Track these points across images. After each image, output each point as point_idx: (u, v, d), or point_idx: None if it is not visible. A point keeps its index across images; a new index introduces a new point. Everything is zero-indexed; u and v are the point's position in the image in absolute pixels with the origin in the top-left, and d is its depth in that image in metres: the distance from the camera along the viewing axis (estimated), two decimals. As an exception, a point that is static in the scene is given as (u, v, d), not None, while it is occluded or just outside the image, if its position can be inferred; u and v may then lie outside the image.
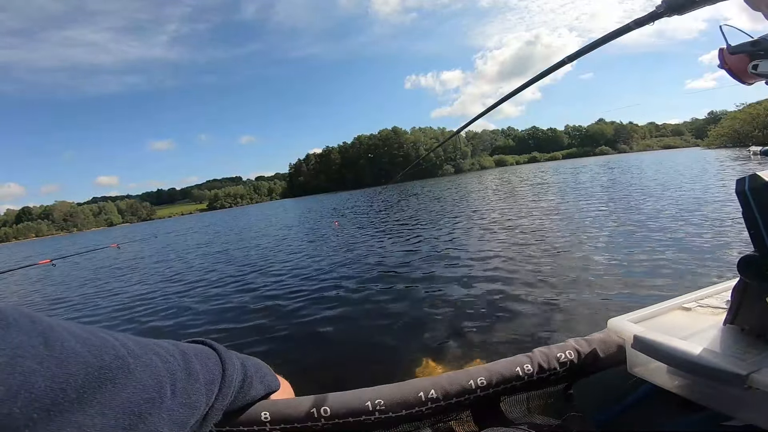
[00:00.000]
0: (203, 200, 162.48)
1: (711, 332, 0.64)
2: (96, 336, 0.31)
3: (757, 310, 0.58)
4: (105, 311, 5.73)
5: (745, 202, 0.54)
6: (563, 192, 14.36)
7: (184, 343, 0.44)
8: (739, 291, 0.61)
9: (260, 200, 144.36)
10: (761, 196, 0.53)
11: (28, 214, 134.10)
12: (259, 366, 0.58)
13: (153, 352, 0.36)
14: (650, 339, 0.64)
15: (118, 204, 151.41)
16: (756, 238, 0.54)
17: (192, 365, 0.41)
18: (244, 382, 0.52)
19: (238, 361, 0.51)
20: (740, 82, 0.54)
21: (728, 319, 0.63)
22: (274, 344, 3.46)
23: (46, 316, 0.29)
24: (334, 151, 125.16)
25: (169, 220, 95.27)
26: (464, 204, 14.26)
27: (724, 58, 0.54)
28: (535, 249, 5.68)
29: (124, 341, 0.33)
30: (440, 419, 0.66)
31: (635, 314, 0.74)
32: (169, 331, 4.31)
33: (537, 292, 3.83)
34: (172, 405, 0.35)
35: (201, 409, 0.40)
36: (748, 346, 0.58)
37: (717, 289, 0.78)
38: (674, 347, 0.60)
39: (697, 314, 0.72)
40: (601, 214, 8.02)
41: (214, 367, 0.45)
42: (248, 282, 6.20)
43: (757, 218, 0.53)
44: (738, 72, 0.54)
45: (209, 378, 0.43)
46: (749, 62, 0.52)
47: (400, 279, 5.00)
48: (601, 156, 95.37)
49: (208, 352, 0.47)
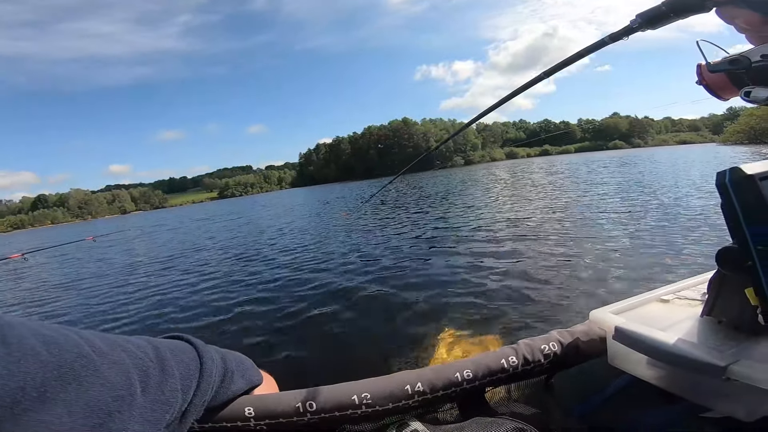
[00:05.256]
0: (214, 189, 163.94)
1: (688, 324, 0.64)
2: (60, 334, 0.30)
3: (734, 301, 0.58)
4: (93, 305, 5.68)
5: (724, 194, 0.54)
6: (556, 186, 14.47)
7: (158, 339, 0.44)
8: (716, 283, 0.61)
9: (270, 189, 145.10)
10: (741, 189, 0.53)
11: (44, 202, 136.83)
12: (240, 360, 0.57)
13: (122, 349, 0.35)
14: (630, 330, 0.64)
15: (132, 192, 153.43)
16: (734, 229, 0.54)
17: (166, 361, 0.40)
18: (225, 376, 0.51)
19: (217, 356, 0.50)
20: (717, 98, 0.54)
21: (705, 310, 0.64)
22: (257, 338, 3.44)
23: (6, 314, 0.28)
24: (344, 141, 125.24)
25: (181, 208, 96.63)
26: (457, 198, 14.39)
27: (702, 74, 0.54)
28: (523, 241, 5.77)
29: (90, 339, 0.33)
30: (426, 411, 0.66)
31: (616, 306, 0.74)
32: (146, 327, 4.26)
33: (522, 283, 3.87)
34: (144, 402, 0.34)
35: (177, 405, 0.40)
36: (726, 337, 0.58)
37: (694, 282, 0.78)
38: (654, 338, 0.61)
39: (675, 306, 0.72)
40: (593, 208, 8.20)
41: (190, 362, 0.45)
42: (232, 274, 6.20)
43: (737, 210, 0.53)
44: (715, 89, 0.54)
45: (185, 373, 0.43)
46: (728, 80, 0.52)
47: (385, 272, 5.00)
48: (615, 151, 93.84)
49: (184, 347, 0.46)
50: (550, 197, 10.89)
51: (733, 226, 0.54)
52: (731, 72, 0.51)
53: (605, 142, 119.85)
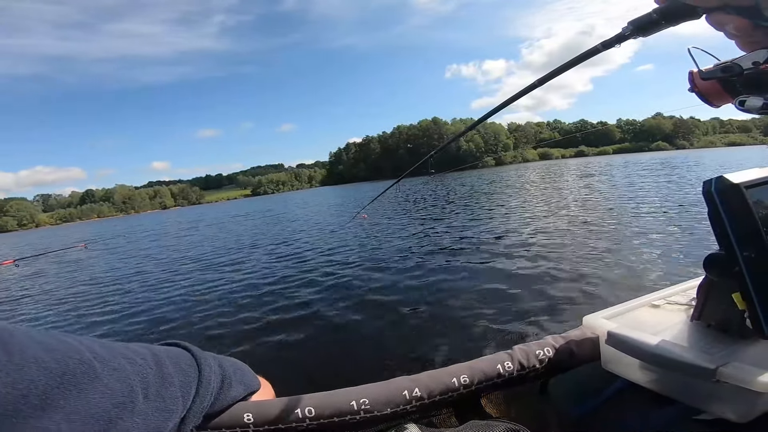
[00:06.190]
0: (248, 186, 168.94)
1: (679, 328, 0.65)
2: (60, 341, 0.30)
3: (722, 306, 0.59)
4: (109, 304, 5.71)
5: (711, 203, 0.55)
6: (567, 190, 14.22)
7: (156, 346, 0.44)
8: (704, 288, 0.62)
9: (300, 187, 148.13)
10: (727, 197, 0.53)
11: (91, 197, 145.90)
12: (237, 366, 0.57)
13: (122, 356, 0.35)
14: (623, 335, 0.65)
15: (171, 188, 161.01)
16: (721, 237, 0.55)
17: (165, 368, 0.40)
18: (223, 383, 0.51)
19: (215, 362, 0.50)
20: (709, 105, 0.54)
21: (695, 315, 0.65)
22: (253, 344, 3.44)
23: (6, 322, 0.28)
24: (374, 140, 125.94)
25: (216, 205, 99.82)
26: (461, 202, 14.23)
27: (695, 81, 0.54)
28: (517, 248, 5.74)
29: (91, 346, 0.33)
30: (424, 416, 0.67)
31: (608, 311, 0.75)
32: (140, 334, 4.22)
33: (517, 290, 3.86)
34: (146, 409, 0.34)
35: (177, 412, 0.40)
36: (715, 341, 0.59)
37: (683, 287, 0.79)
38: (646, 343, 0.62)
39: (666, 311, 0.72)
40: (603, 212, 8.19)
41: (189, 369, 0.45)
42: (231, 280, 6.11)
43: (723, 218, 0.54)
44: (708, 96, 0.54)
45: (184, 380, 0.43)
46: (720, 87, 0.52)
47: (384, 278, 4.99)
48: (657, 152, 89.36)
49: (183, 354, 0.46)
50: (555, 203, 10.71)
51: (719, 233, 0.55)
52: (723, 79, 0.52)
53: (647, 143, 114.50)
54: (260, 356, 3.17)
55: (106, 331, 4.52)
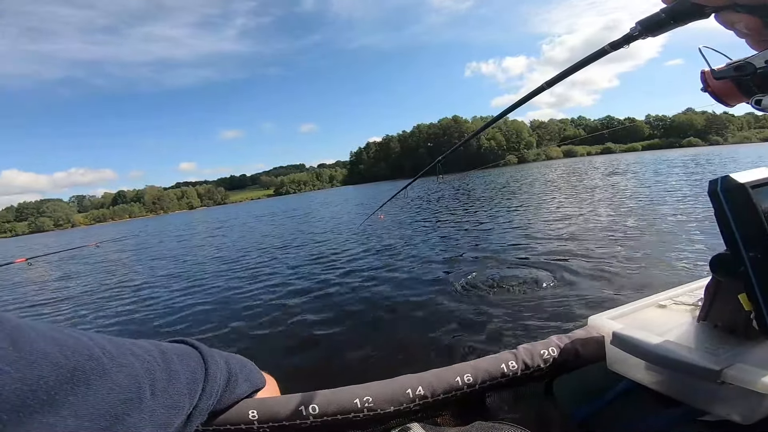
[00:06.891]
0: (270, 186, 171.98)
1: (685, 329, 0.64)
2: (69, 336, 0.30)
3: (729, 306, 0.58)
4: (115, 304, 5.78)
5: (717, 203, 0.54)
6: (583, 189, 13.86)
7: (164, 343, 0.44)
8: (711, 289, 0.61)
9: (322, 187, 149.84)
10: (733, 197, 0.53)
11: (123, 198, 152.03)
12: (243, 363, 0.57)
13: (130, 352, 0.35)
14: (628, 335, 0.65)
15: (197, 189, 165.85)
16: (727, 237, 0.54)
17: (172, 365, 0.40)
18: (229, 380, 0.52)
19: (221, 360, 0.50)
20: (723, 104, 0.53)
21: (701, 316, 0.64)
22: (259, 340, 3.47)
23: (15, 316, 0.28)
24: (394, 139, 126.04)
25: (240, 205, 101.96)
26: (470, 202, 14.01)
27: (707, 81, 0.53)
28: (524, 248, 5.66)
29: (99, 341, 0.33)
30: (428, 415, 0.67)
31: (614, 311, 0.74)
32: (149, 330, 4.30)
33: (522, 289, 3.81)
34: (153, 405, 0.34)
35: (184, 409, 0.40)
36: (721, 342, 0.58)
37: (690, 288, 0.77)
38: (651, 343, 0.61)
39: (672, 312, 0.71)
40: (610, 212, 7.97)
41: (196, 366, 0.45)
42: (239, 278, 6.22)
43: (729, 218, 0.53)
44: (721, 96, 0.53)
45: (191, 377, 0.43)
46: (734, 87, 0.51)
47: (391, 277, 4.98)
48: (689, 149, 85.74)
49: (190, 351, 0.46)
50: (570, 203, 10.40)
51: (725, 233, 0.54)
52: (737, 78, 0.51)
53: (678, 140, 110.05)
54: (266, 353, 3.21)
55: (113, 327, 4.63)
